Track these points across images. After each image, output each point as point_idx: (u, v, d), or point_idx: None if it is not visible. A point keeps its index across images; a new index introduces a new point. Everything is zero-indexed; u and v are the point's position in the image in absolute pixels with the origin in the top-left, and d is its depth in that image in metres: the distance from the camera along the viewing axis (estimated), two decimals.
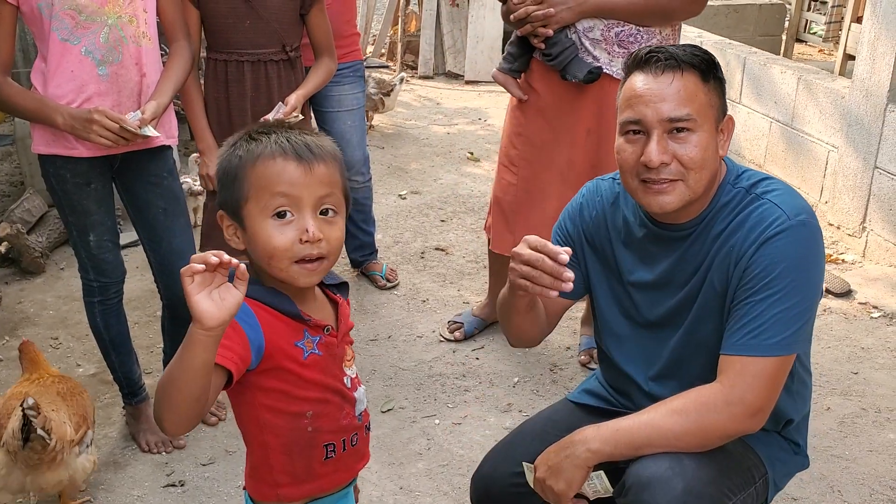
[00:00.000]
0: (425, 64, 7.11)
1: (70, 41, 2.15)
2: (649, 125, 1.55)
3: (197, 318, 1.16)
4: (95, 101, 2.18)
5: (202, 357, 1.18)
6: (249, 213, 1.32)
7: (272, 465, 1.41)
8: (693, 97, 1.54)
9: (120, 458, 2.54)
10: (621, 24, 2.60)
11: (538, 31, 2.62)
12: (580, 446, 1.55)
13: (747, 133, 4.66)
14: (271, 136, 1.35)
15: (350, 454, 1.47)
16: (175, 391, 1.20)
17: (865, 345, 3.16)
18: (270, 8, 2.56)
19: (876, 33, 3.72)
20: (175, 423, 1.24)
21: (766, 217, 1.55)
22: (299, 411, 1.38)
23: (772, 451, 1.69)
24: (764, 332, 1.51)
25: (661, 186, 1.56)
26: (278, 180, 1.31)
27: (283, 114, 2.54)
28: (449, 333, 3.17)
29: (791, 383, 1.65)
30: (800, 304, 1.51)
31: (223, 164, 1.37)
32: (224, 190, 1.36)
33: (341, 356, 1.45)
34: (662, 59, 1.56)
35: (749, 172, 1.66)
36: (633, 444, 1.54)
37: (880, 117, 3.71)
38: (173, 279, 2.48)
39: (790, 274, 1.51)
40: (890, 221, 3.72)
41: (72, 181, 2.29)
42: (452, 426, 2.69)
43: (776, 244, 1.52)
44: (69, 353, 3.09)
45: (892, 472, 2.47)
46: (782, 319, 1.51)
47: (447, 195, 4.62)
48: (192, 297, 1.16)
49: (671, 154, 1.54)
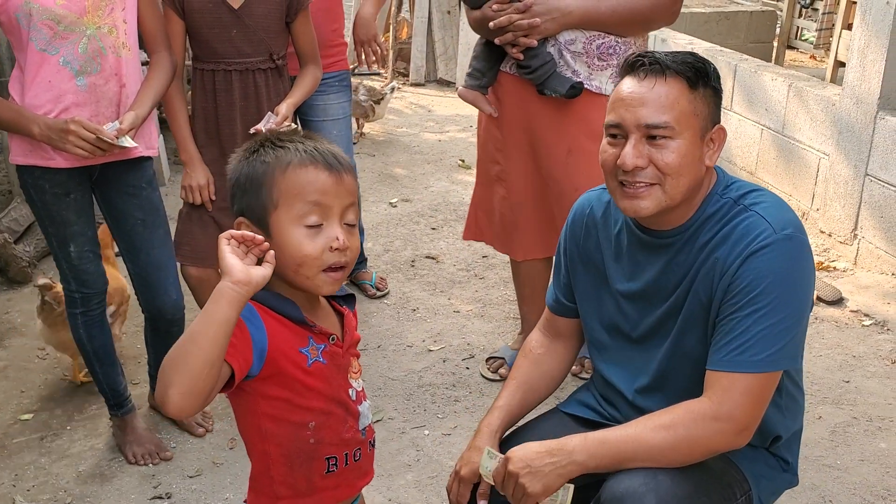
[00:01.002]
0: (417, 71, 7.10)
1: (48, 51, 2.14)
2: (628, 129, 1.56)
3: (227, 270, 1.19)
4: (73, 112, 2.16)
5: (227, 312, 1.18)
6: (278, 220, 1.32)
7: (273, 476, 1.39)
8: (674, 105, 1.53)
9: (106, 470, 2.52)
10: (602, 37, 2.53)
11: (520, 41, 2.51)
12: (566, 457, 1.53)
13: (738, 140, 4.66)
14: (296, 144, 1.35)
15: (352, 469, 1.45)
16: (194, 349, 1.17)
17: (857, 353, 3.15)
18: (256, 17, 2.55)
19: (866, 40, 3.73)
20: (183, 392, 1.17)
21: (751, 230, 1.53)
22: (301, 421, 1.37)
23: (757, 468, 1.66)
24: (750, 349, 1.49)
25: (636, 190, 1.56)
26: (312, 188, 1.32)
27: (274, 123, 2.52)
28: (492, 373, 2.99)
29: (779, 398, 1.64)
30: (786, 319, 1.50)
31: (246, 170, 1.35)
32: (247, 197, 1.34)
33: (346, 367, 1.44)
34: (647, 64, 1.56)
35: (739, 183, 1.64)
36: (618, 458, 1.52)
37: (871, 124, 3.71)
38: (153, 291, 2.46)
39: (776, 289, 1.49)
40: (881, 229, 3.72)
41: (50, 192, 2.27)
42: (442, 437, 2.67)
43: (761, 258, 1.51)
44: (56, 363, 3.06)
45: (883, 482, 2.46)
46: (768, 335, 1.49)
47: (438, 203, 4.61)
48: (224, 252, 1.21)
49: (647, 158, 1.54)
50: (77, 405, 2.82)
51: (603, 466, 1.53)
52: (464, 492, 1.73)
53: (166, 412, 1.20)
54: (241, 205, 1.36)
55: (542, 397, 1.89)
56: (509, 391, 1.84)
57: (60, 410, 2.80)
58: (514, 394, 1.83)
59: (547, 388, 1.89)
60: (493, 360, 3.03)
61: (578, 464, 1.52)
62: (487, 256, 3.89)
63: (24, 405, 2.83)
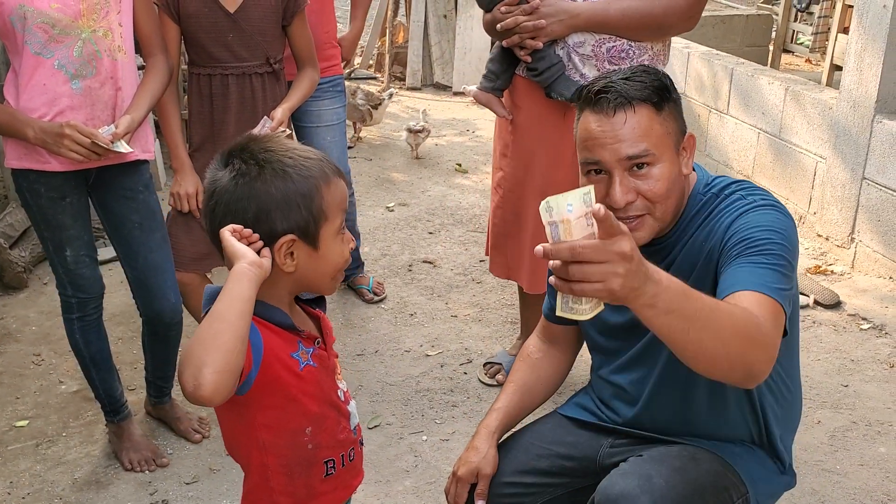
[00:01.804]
0: (413, 75, 7.10)
1: (43, 55, 2.12)
2: (609, 166, 1.54)
3: (240, 254, 1.25)
4: (68, 115, 2.15)
5: (249, 290, 1.23)
6: (327, 232, 1.35)
7: (272, 487, 1.39)
8: (648, 132, 1.53)
9: (102, 477, 2.50)
10: (613, 40, 2.48)
11: (526, 44, 2.49)
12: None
13: (735, 144, 4.66)
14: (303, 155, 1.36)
15: (348, 470, 1.47)
16: (224, 326, 1.19)
17: (855, 357, 3.15)
18: (253, 21, 2.54)
19: (863, 44, 3.73)
20: (219, 370, 1.16)
21: (736, 201, 1.56)
22: (299, 427, 1.38)
23: (754, 470, 1.65)
24: (764, 276, 1.41)
25: (629, 224, 1.55)
26: (343, 199, 1.38)
27: (270, 128, 2.51)
28: (490, 378, 2.97)
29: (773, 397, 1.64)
30: (785, 266, 1.44)
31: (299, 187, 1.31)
32: (299, 212, 1.31)
33: (333, 369, 1.46)
34: (612, 98, 1.53)
35: (719, 179, 1.65)
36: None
37: (868, 128, 3.71)
38: (151, 294, 2.45)
39: (769, 236, 1.47)
40: (878, 232, 3.72)
41: (46, 196, 2.26)
42: (440, 442, 2.66)
43: (749, 216, 1.52)
44: (52, 369, 3.05)
45: (883, 487, 2.45)
46: (776, 272, 1.42)
47: (435, 207, 4.60)
48: (232, 241, 1.27)
49: (635, 192, 1.54)
50: (73, 412, 2.81)
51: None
52: (461, 492, 1.73)
53: (200, 396, 1.17)
54: (293, 221, 1.31)
55: (540, 401, 1.89)
56: (507, 394, 1.84)
57: (56, 417, 2.78)
58: (513, 397, 1.83)
59: (544, 391, 1.89)
60: (491, 365, 3.02)
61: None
62: (485, 261, 3.88)
63: (19, 412, 2.82)
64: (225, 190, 1.32)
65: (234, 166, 1.33)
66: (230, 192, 1.32)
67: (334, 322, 3.36)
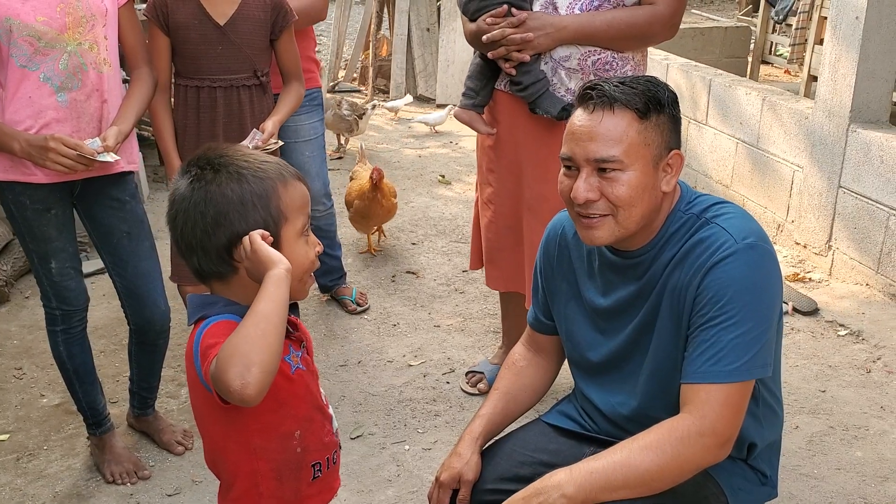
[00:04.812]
0: (397, 88, 7.13)
1: (28, 67, 2.14)
2: (578, 163, 1.57)
3: (277, 260, 1.28)
4: (54, 128, 2.16)
5: (287, 297, 1.27)
6: (288, 233, 1.37)
7: (262, 493, 1.41)
8: (622, 138, 1.54)
9: (84, 489, 2.50)
10: (597, 52, 2.48)
11: (512, 56, 2.47)
12: (554, 492, 1.49)
13: (714, 154, 4.71)
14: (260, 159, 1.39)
15: (332, 472, 1.51)
16: (271, 328, 1.23)
17: (833, 363, 3.19)
18: (242, 33, 2.56)
19: (837, 55, 3.79)
20: (267, 370, 1.21)
21: (713, 242, 1.55)
22: (289, 431, 1.41)
23: (734, 481, 1.67)
24: (723, 359, 1.50)
25: (590, 221, 1.59)
26: (304, 201, 1.40)
27: (261, 140, 2.52)
28: (472, 387, 2.98)
29: (755, 408, 1.65)
30: (755, 328, 1.50)
31: (254, 187, 1.34)
32: (254, 213, 1.34)
33: (316, 372, 1.49)
34: (595, 97, 1.56)
35: (702, 198, 1.66)
36: (610, 487, 1.48)
37: (843, 137, 3.77)
38: (142, 303, 2.45)
39: (741, 298, 1.50)
40: (855, 240, 3.77)
41: (31, 207, 2.26)
42: (423, 451, 2.67)
43: (724, 268, 1.52)
44: (33, 383, 3.04)
45: (860, 490, 2.48)
46: (740, 345, 1.50)
47: (418, 218, 4.62)
48: (265, 246, 1.30)
49: (598, 191, 1.56)
50: (54, 425, 2.80)
51: (593, 498, 1.49)
52: (443, 498, 1.74)
53: (246, 395, 1.19)
54: (256, 219, 1.34)
55: (525, 408, 1.90)
56: (492, 401, 1.85)
57: (37, 430, 2.77)
58: (497, 403, 1.85)
59: (529, 399, 1.90)
60: (473, 374, 3.03)
61: (569, 497, 1.48)
62: (468, 271, 3.90)
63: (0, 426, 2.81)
64: (183, 197, 1.35)
65: (191, 173, 1.36)
66: (187, 199, 1.34)
67: (317, 333, 3.38)
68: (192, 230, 1.34)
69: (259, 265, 1.29)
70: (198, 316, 1.37)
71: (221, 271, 1.36)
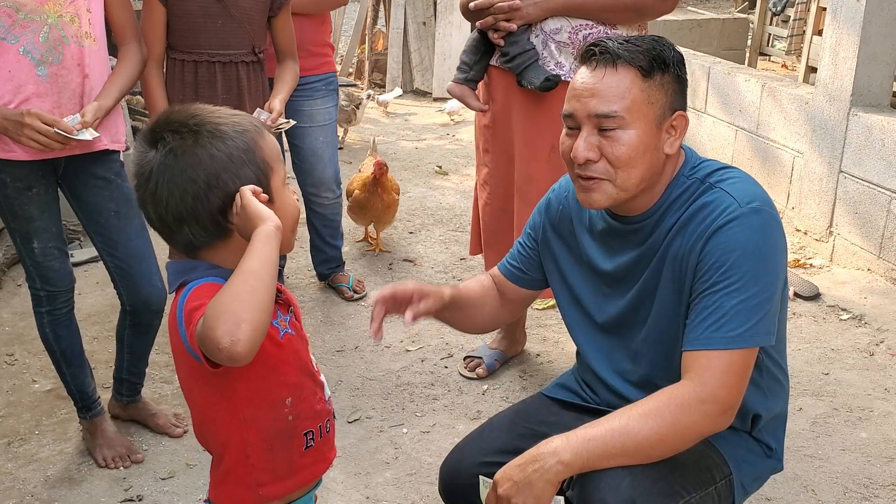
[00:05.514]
0: (393, 82, 7.10)
1: (7, 40, 2.07)
2: (579, 120, 1.54)
3: (267, 216, 1.24)
4: (34, 102, 2.10)
5: (276, 254, 1.23)
6: (276, 183, 1.34)
7: (253, 463, 1.37)
8: (624, 94, 1.50)
9: (76, 473, 2.45)
10: (590, 27, 2.45)
11: (500, 25, 2.44)
12: (550, 458, 1.44)
13: (713, 142, 4.68)
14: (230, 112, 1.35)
15: (325, 441, 1.45)
16: (261, 285, 1.19)
17: (835, 346, 3.15)
18: (242, 8, 2.53)
19: (837, 38, 3.76)
20: (257, 327, 1.17)
21: (716, 206, 1.50)
22: (279, 398, 1.36)
23: (738, 452, 1.63)
24: (725, 325, 1.45)
25: (588, 183, 1.54)
26: (278, 150, 1.37)
27: (270, 120, 2.48)
28: (470, 371, 2.93)
29: (759, 378, 1.61)
30: (759, 294, 1.46)
31: (238, 143, 1.29)
32: (246, 167, 1.29)
33: (306, 338, 1.45)
34: (598, 53, 1.52)
35: (708, 163, 1.62)
36: (608, 454, 1.44)
37: (844, 121, 3.74)
38: (136, 283, 2.39)
39: (745, 263, 1.46)
40: (856, 225, 3.73)
41: (12, 185, 2.20)
42: (420, 434, 2.62)
43: (727, 233, 1.47)
44: (25, 369, 2.99)
45: (865, 471, 2.44)
46: (742, 311, 1.45)
47: (416, 208, 4.58)
48: (255, 202, 1.26)
49: (598, 151, 1.52)
50: (46, 410, 2.75)
51: (591, 465, 1.45)
52: (377, 313, 1.64)
53: (235, 353, 1.15)
54: (247, 174, 1.29)
55: (469, 316, 1.82)
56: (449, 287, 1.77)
57: (29, 415, 2.73)
58: (454, 290, 1.78)
59: (475, 316, 1.83)
60: (471, 359, 2.99)
61: (566, 464, 1.43)
62: (465, 259, 3.86)
63: None
64: (165, 167, 1.27)
65: (165, 141, 1.28)
66: (171, 167, 1.27)
67: (313, 319, 3.33)
68: (182, 199, 1.27)
69: (248, 222, 1.24)
70: (179, 282, 1.32)
71: (215, 238, 1.31)
